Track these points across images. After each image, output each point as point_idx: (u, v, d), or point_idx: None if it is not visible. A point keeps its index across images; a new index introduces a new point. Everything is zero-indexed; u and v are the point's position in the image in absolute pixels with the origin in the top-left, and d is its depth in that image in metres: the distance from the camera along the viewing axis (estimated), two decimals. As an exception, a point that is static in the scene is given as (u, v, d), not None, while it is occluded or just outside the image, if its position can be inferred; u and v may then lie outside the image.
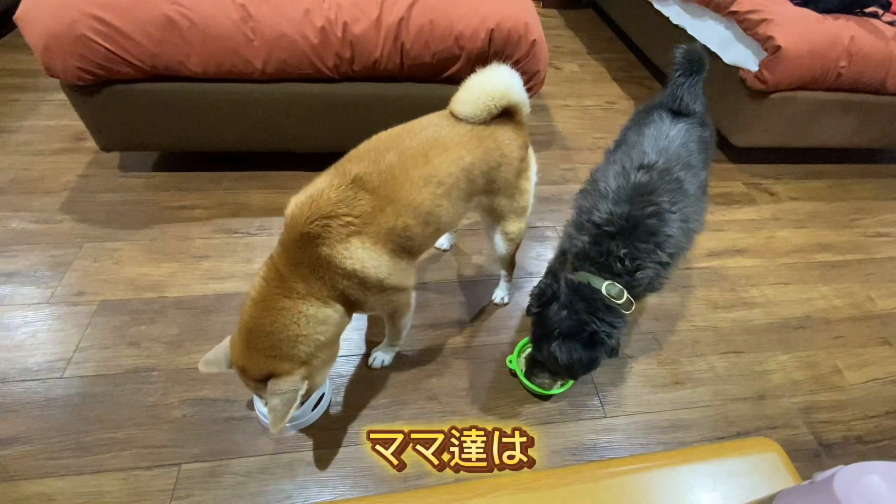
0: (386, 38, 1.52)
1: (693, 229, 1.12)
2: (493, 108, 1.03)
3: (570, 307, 1.05)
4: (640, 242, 1.03)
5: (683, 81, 1.22)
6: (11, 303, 1.39)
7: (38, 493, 1.05)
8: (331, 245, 0.87)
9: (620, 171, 1.11)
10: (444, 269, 1.63)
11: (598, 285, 1.04)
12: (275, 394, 0.88)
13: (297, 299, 0.89)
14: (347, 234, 0.88)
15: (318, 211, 0.87)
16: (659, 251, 1.04)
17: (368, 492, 1.11)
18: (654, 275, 1.06)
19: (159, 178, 1.84)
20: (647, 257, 1.04)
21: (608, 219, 1.05)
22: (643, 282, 1.06)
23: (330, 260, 0.88)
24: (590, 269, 1.07)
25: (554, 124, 2.38)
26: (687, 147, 1.16)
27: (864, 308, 1.66)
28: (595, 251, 1.06)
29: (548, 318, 1.07)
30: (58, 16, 1.36)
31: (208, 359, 0.97)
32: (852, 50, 1.86)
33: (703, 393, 1.36)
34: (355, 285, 0.92)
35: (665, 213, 1.04)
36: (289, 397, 0.88)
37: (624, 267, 1.04)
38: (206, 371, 0.97)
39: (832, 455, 1.27)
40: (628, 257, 1.03)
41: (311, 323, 0.90)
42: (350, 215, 0.88)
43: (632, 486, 0.60)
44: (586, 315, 1.03)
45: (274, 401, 0.88)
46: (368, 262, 0.91)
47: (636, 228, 1.03)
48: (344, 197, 0.89)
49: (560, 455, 1.21)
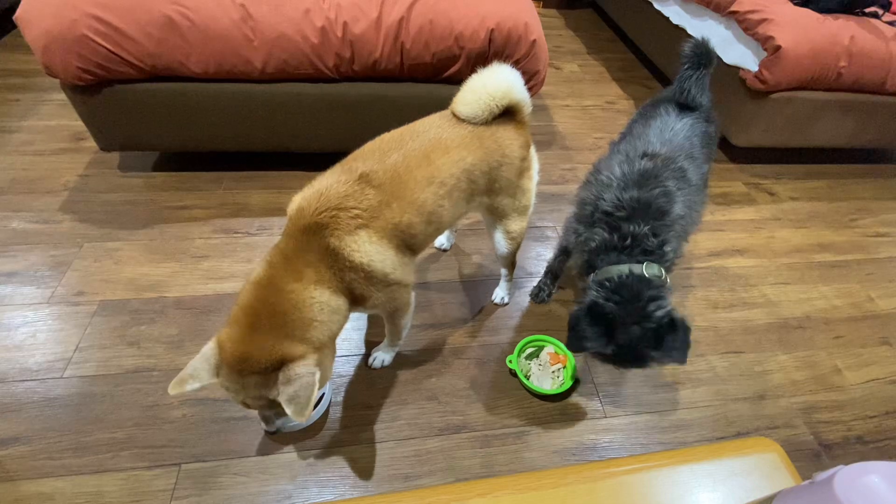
0: (386, 38, 1.52)
1: (693, 219, 1.12)
2: (495, 108, 1.04)
3: (640, 315, 0.94)
4: (655, 221, 1.01)
5: (691, 74, 1.23)
6: (11, 303, 1.39)
7: (38, 493, 1.05)
8: (339, 237, 0.87)
9: (625, 160, 1.11)
10: (444, 269, 1.63)
11: (638, 271, 0.98)
12: (291, 381, 0.79)
13: (309, 284, 0.85)
14: (356, 227, 0.88)
15: (327, 202, 0.87)
16: (675, 226, 1.03)
17: (368, 492, 1.11)
18: (678, 247, 1.03)
19: (159, 178, 1.84)
20: (667, 232, 1.01)
21: (618, 204, 1.03)
22: (670, 255, 1.02)
23: (338, 252, 0.88)
24: (616, 259, 1.01)
25: (554, 124, 2.38)
26: (691, 140, 1.17)
27: (864, 308, 1.66)
28: (617, 238, 1.02)
29: (625, 346, 0.96)
30: (58, 16, 1.36)
31: (183, 376, 0.82)
32: (852, 50, 1.86)
33: (703, 393, 1.36)
34: (361, 279, 0.92)
35: (673, 195, 1.03)
36: (307, 381, 0.79)
37: (652, 243, 1.00)
38: (180, 391, 0.80)
39: (832, 455, 1.27)
40: (652, 233, 1.00)
41: (324, 310, 0.86)
42: (358, 208, 0.89)
43: (632, 486, 0.60)
44: (653, 310, 0.94)
45: (292, 388, 0.78)
46: (376, 255, 0.91)
47: (648, 209, 1.01)
48: (352, 191, 0.89)
49: (560, 455, 1.21)
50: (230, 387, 0.83)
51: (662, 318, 0.94)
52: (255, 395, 0.83)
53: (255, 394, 0.83)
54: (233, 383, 0.83)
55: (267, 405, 0.87)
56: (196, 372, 0.82)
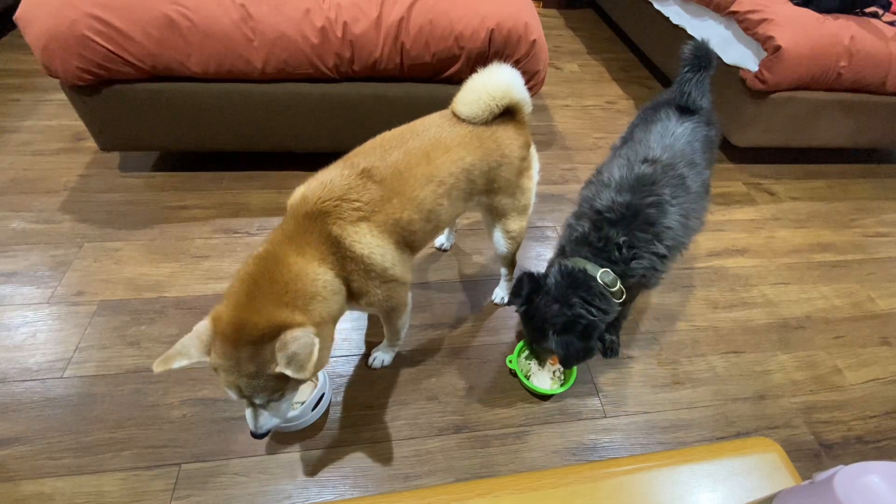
0: (386, 38, 1.52)
1: (692, 227, 1.12)
2: (495, 108, 1.04)
3: (562, 301, 1.05)
4: (638, 231, 1.04)
5: (692, 77, 1.23)
6: (11, 303, 1.39)
7: (38, 493, 1.05)
8: (341, 226, 0.88)
9: (625, 164, 1.13)
10: (444, 268, 1.63)
11: (593, 272, 1.05)
12: (288, 344, 0.73)
13: (312, 260, 0.83)
14: (358, 218, 0.90)
15: (330, 193, 0.89)
16: (657, 242, 1.04)
17: (368, 492, 1.11)
18: (649, 265, 1.06)
19: (159, 178, 1.84)
20: (644, 247, 1.04)
21: (609, 206, 1.06)
22: (637, 272, 1.06)
23: (340, 240, 0.88)
24: (586, 254, 1.08)
25: (554, 124, 2.38)
26: (692, 145, 1.18)
27: (864, 308, 1.66)
28: (594, 236, 1.07)
29: (539, 312, 1.08)
30: (58, 16, 1.36)
31: (170, 353, 0.76)
32: (852, 50, 1.86)
33: (703, 393, 1.36)
34: (360, 271, 0.93)
35: (665, 205, 1.05)
36: (306, 341, 0.74)
37: (621, 255, 1.05)
38: (165, 368, 0.75)
39: (832, 455, 1.27)
40: (626, 245, 1.04)
41: (327, 287, 0.83)
42: (360, 201, 0.90)
43: (632, 486, 0.60)
44: (581, 308, 1.04)
45: (290, 349, 0.73)
46: (376, 248, 0.92)
47: (636, 217, 1.04)
48: (354, 185, 0.91)
49: (560, 455, 1.21)
50: (223, 363, 0.76)
51: (580, 317, 1.03)
52: (251, 372, 0.76)
53: (251, 369, 0.75)
54: (226, 359, 0.75)
55: (261, 388, 0.78)
56: (185, 349, 0.76)
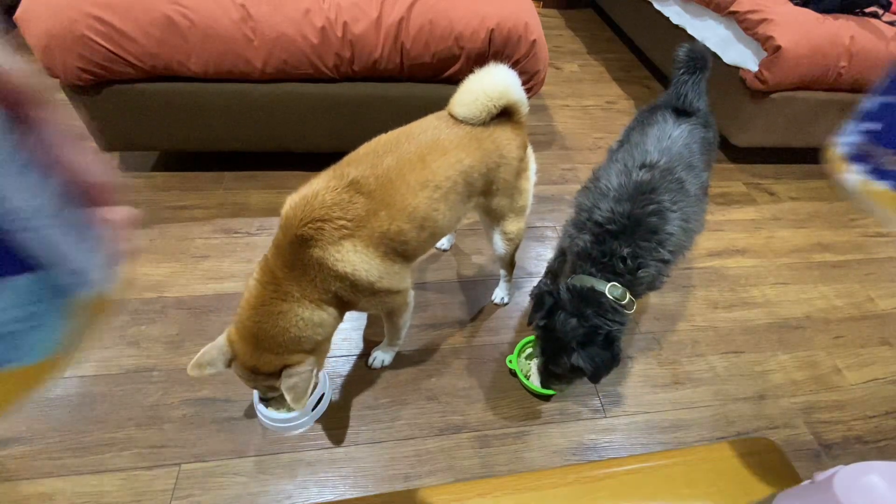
0: (386, 38, 1.52)
1: (693, 229, 1.12)
2: (493, 109, 1.04)
3: (579, 314, 1.04)
4: (641, 241, 1.04)
5: (687, 79, 1.23)
6: (11, 303, 1.39)
7: (38, 493, 1.05)
8: (323, 247, 0.89)
9: (622, 170, 1.12)
10: (444, 269, 1.63)
11: (601, 288, 1.05)
12: (291, 376, 0.93)
13: (293, 302, 0.91)
14: (340, 238, 0.89)
15: (311, 214, 0.88)
16: (661, 249, 1.04)
17: (368, 492, 1.11)
18: (656, 272, 1.06)
19: (159, 178, 1.84)
20: (648, 255, 1.04)
21: (610, 217, 1.06)
22: (645, 280, 1.06)
23: (322, 262, 0.89)
24: (591, 270, 1.07)
25: (554, 124, 2.38)
26: (689, 148, 1.17)
27: (864, 308, 1.66)
28: (597, 251, 1.07)
29: (558, 329, 1.07)
30: (58, 16, 1.36)
31: (202, 361, 0.95)
32: (852, 50, 1.86)
33: (703, 393, 1.36)
34: (347, 287, 0.94)
35: (666, 212, 1.05)
36: (305, 376, 0.93)
37: (626, 266, 1.04)
38: (199, 374, 0.94)
39: (832, 455, 1.27)
40: (630, 257, 1.04)
41: (308, 325, 0.94)
42: (344, 219, 0.89)
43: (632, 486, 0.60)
44: (597, 319, 1.03)
45: (291, 381, 0.92)
46: (360, 265, 0.92)
47: (638, 227, 1.04)
48: (339, 200, 0.89)
49: (560, 455, 1.21)
50: (242, 378, 0.99)
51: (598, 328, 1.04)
52: (265, 386, 0.99)
53: (265, 385, 0.98)
54: (245, 378, 0.98)
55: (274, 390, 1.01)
56: (213, 361, 0.95)
